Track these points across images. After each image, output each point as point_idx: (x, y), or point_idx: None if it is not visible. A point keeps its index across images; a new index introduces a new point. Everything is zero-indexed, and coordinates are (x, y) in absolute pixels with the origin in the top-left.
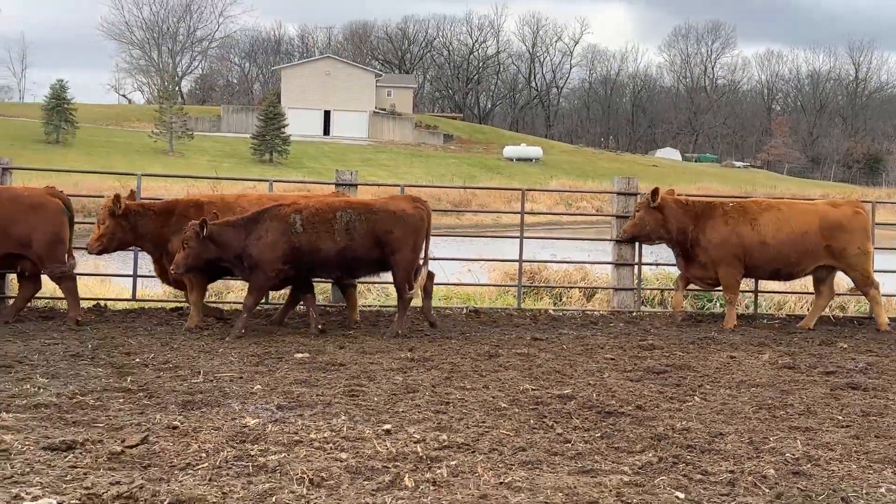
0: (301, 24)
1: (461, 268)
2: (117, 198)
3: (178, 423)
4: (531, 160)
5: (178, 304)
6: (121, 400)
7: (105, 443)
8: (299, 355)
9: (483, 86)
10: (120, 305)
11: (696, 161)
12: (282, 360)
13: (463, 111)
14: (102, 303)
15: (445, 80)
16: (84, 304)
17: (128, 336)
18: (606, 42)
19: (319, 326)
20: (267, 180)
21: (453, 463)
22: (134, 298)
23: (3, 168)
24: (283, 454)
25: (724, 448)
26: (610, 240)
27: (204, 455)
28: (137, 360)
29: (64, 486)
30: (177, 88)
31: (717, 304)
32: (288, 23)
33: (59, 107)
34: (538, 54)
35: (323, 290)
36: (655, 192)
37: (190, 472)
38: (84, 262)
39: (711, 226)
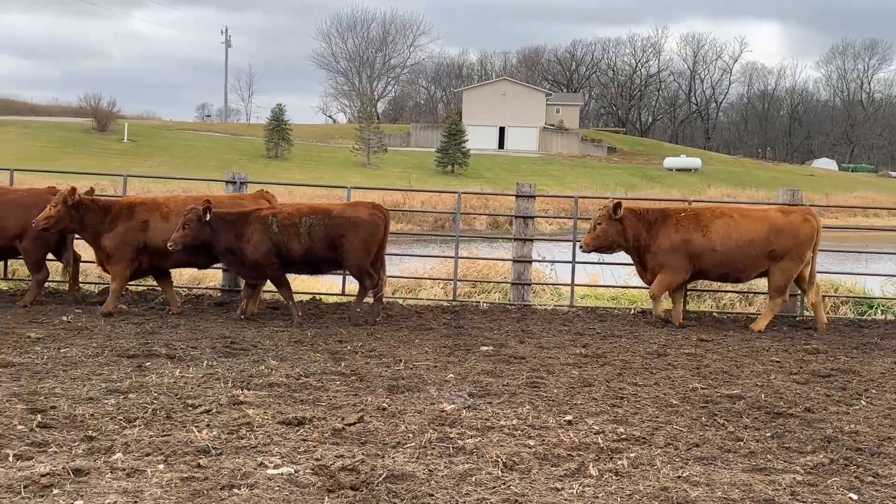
0: (481, 50)
1: (631, 270)
2: (73, 190)
3: (387, 405)
4: (690, 170)
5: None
6: (337, 382)
7: (328, 420)
8: (484, 348)
9: (645, 102)
10: (331, 299)
11: (851, 171)
12: (470, 352)
13: (625, 125)
14: (317, 296)
15: (610, 97)
16: (302, 298)
17: (339, 326)
18: (763, 59)
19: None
20: (454, 192)
21: (632, 455)
22: (343, 293)
23: (241, 182)
24: (478, 438)
25: (894, 452)
26: None
27: (411, 436)
28: (349, 347)
29: (298, 456)
30: (373, 109)
31: (878, 311)
32: (470, 50)
33: (278, 127)
34: (698, 72)
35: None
36: (618, 205)
37: (400, 450)
38: None
39: (664, 233)
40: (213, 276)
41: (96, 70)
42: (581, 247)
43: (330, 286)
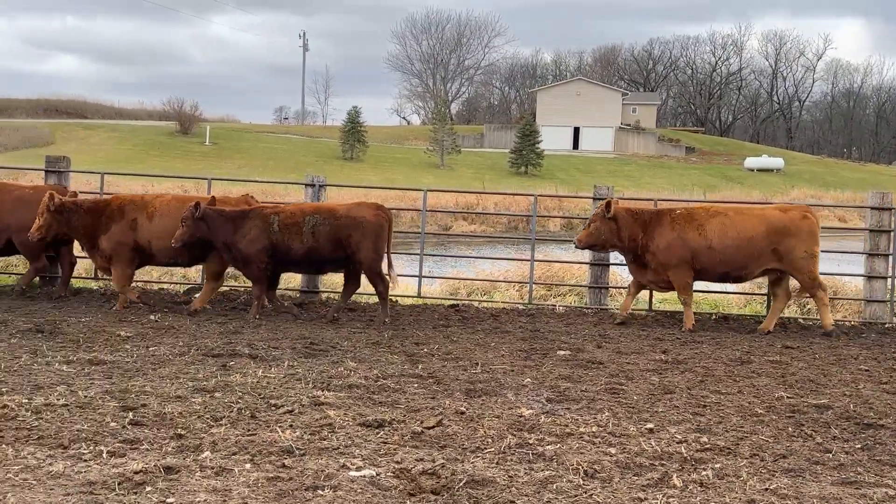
0: (555, 50)
1: None
2: (52, 196)
3: (465, 409)
4: (772, 170)
5: (455, 302)
6: (415, 385)
7: (407, 423)
8: (561, 352)
9: (725, 101)
10: (407, 301)
11: None
12: (546, 356)
13: (704, 125)
14: (393, 298)
15: (688, 96)
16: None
17: (415, 328)
18: (848, 56)
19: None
20: (529, 194)
21: (717, 465)
22: (419, 295)
23: (319, 185)
24: (558, 445)
25: None
26: (862, 252)
27: (490, 440)
28: (425, 350)
29: (379, 459)
30: (447, 110)
31: None
32: (543, 50)
33: (353, 129)
34: (780, 69)
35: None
36: (608, 204)
37: (479, 455)
38: None
39: (659, 232)
40: (293, 278)
41: (179, 74)
42: (574, 243)
43: (405, 288)
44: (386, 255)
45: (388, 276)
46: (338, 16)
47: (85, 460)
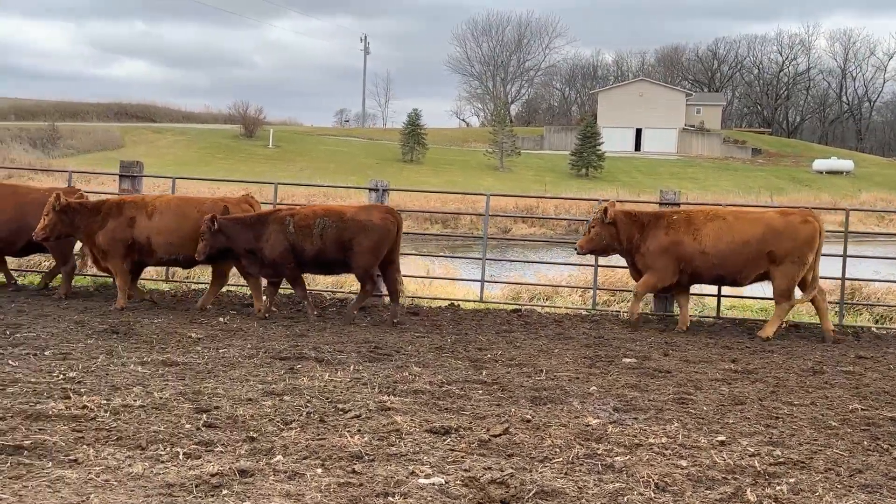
0: (616, 50)
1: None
2: (57, 196)
3: (531, 417)
4: (842, 173)
5: (518, 307)
6: (480, 391)
7: (474, 430)
8: (627, 360)
9: (792, 101)
10: (469, 306)
11: None
12: (612, 363)
13: (771, 126)
14: (455, 303)
15: (754, 96)
16: (440, 304)
17: (478, 333)
18: None
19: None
20: (593, 199)
21: (792, 480)
22: (481, 300)
23: (382, 189)
24: (627, 456)
25: None
26: None
27: (557, 450)
28: (489, 355)
29: (447, 466)
30: (507, 112)
31: None
32: (604, 50)
33: (413, 131)
34: (850, 69)
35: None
36: (606, 209)
37: (548, 464)
38: (438, 267)
39: (653, 235)
40: (356, 282)
41: (242, 78)
42: (576, 249)
43: (466, 292)
44: (396, 258)
45: (396, 280)
46: (398, 19)
47: (162, 462)
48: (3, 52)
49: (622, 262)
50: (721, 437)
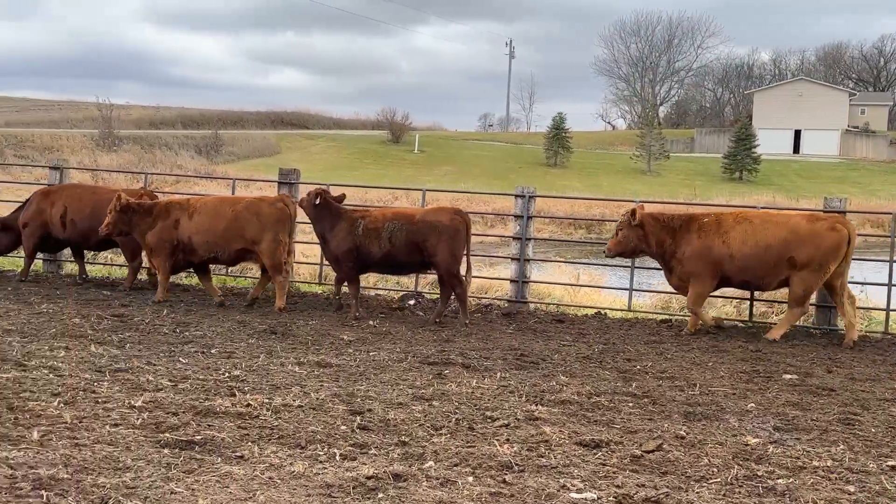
0: (774, 49)
1: None
2: (119, 196)
3: (685, 434)
4: None
5: (668, 317)
6: (630, 404)
7: (625, 445)
8: (787, 376)
9: None
10: (616, 314)
11: None
12: (770, 379)
13: None
14: (602, 311)
15: None
16: (586, 311)
17: (626, 343)
18: None
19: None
20: (750, 206)
21: None
22: (629, 309)
23: (529, 196)
24: (790, 479)
25: None
26: None
27: (714, 470)
28: (638, 366)
29: (598, 482)
30: (655, 114)
31: None
32: (761, 49)
33: (557, 135)
34: None
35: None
36: (634, 211)
37: (704, 485)
38: (583, 274)
39: (686, 239)
40: (500, 287)
41: (388, 84)
42: (604, 252)
43: (613, 300)
44: (465, 258)
45: (465, 279)
46: (540, 22)
47: (321, 462)
48: (172, 64)
49: None
50: (892, 462)
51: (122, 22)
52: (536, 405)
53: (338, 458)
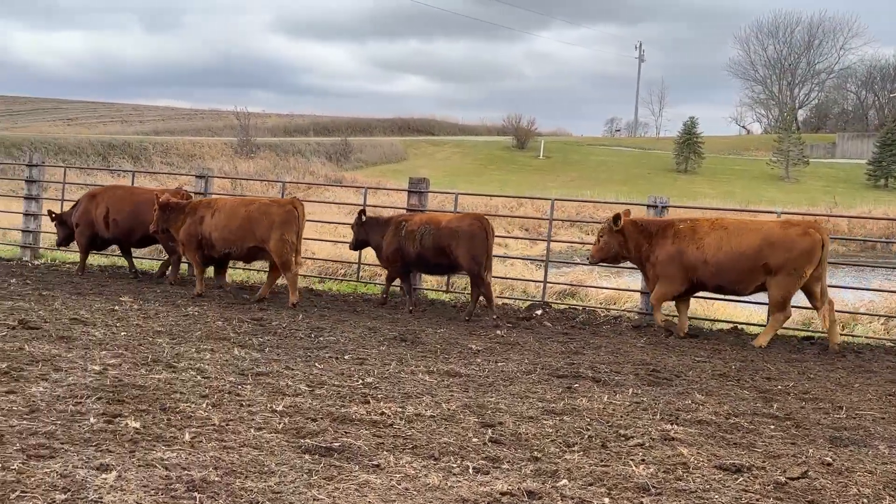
0: None
1: None
2: (157, 195)
3: (831, 460)
4: None
5: (810, 334)
6: (771, 426)
7: (768, 470)
8: None
9: None
10: (754, 329)
11: None
12: None
13: None
14: (738, 326)
15: None
16: (721, 326)
17: (765, 361)
18: None
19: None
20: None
21: None
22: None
23: (661, 206)
24: None
25: None
26: None
27: (865, 500)
28: (779, 386)
29: None
30: (793, 118)
31: None
32: None
33: (689, 140)
34: None
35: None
36: (617, 217)
37: None
38: None
39: (661, 244)
40: (630, 298)
41: (512, 89)
42: (587, 259)
43: (749, 315)
44: (488, 263)
45: (487, 279)
46: (665, 23)
47: (454, 474)
48: (302, 72)
49: None
50: None
51: (255, 32)
52: (672, 424)
53: (471, 471)
